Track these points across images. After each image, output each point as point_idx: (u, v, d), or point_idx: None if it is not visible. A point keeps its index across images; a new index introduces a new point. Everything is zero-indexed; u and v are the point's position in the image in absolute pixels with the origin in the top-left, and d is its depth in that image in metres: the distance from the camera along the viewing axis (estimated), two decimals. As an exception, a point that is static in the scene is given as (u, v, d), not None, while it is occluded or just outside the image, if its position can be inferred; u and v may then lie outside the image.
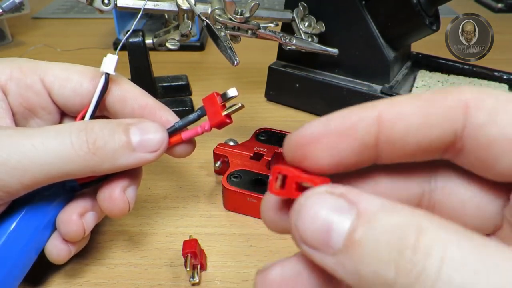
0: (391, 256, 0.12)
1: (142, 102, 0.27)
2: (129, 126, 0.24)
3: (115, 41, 0.64)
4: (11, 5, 0.43)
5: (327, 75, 0.45)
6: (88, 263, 0.28)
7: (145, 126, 0.25)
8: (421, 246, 0.12)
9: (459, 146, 0.15)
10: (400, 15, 0.41)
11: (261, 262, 0.29)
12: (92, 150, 0.23)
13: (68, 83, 0.27)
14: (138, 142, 0.24)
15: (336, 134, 0.15)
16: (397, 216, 0.13)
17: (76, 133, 0.23)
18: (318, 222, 0.13)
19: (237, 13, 0.36)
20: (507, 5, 0.83)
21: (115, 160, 0.23)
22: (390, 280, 0.12)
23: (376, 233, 0.13)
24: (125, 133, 0.24)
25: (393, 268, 0.12)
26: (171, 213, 0.33)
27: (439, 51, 0.47)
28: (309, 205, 0.14)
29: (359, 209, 0.13)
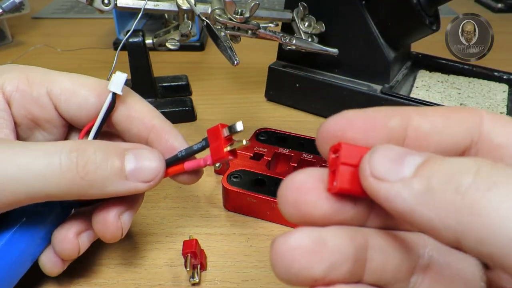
0: (470, 168, 0.13)
1: (149, 123, 0.26)
2: (125, 152, 0.23)
3: (115, 41, 0.64)
4: (11, 5, 0.43)
5: (327, 75, 0.45)
6: (88, 263, 0.28)
7: (142, 153, 0.24)
8: (500, 166, 0.13)
9: (473, 151, 0.16)
10: (400, 15, 0.41)
11: (261, 262, 0.29)
12: (81, 174, 0.21)
13: (74, 97, 0.26)
14: (131, 171, 0.23)
15: (371, 122, 0.16)
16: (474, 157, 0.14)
17: (66, 154, 0.21)
18: (390, 155, 0.14)
19: (237, 13, 0.36)
20: (507, 5, 0.83)
21: (104, 187, 0.22)
22: (465, 186, 0.12)
23: (454, 159, 0.13)
24: (120, 159, 0.23)
25: (472, 174, 0.12)
26: (171, 213, 0.33)
27: (439, 51, 0.47)
28: (386, 146, 0.15)
29: (431, 155, 0.14)
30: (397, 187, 0.14)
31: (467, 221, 0.12)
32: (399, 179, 0.14)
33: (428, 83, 0.46)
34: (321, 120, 0.45)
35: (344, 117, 0.16)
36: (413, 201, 0.13)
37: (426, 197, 0.13)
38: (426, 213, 0.13)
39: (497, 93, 0.44)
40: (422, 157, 0.14)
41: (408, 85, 0.46)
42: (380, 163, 0.14)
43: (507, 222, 0.11)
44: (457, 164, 0.13)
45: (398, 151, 0.15)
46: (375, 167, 0.14)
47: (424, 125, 0.16)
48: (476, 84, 0.46)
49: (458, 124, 0.16)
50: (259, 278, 0.28)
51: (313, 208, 0.16)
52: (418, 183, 0.13)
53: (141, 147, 0.24)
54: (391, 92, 0.41)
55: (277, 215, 0.31)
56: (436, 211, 0.13)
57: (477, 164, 0.13)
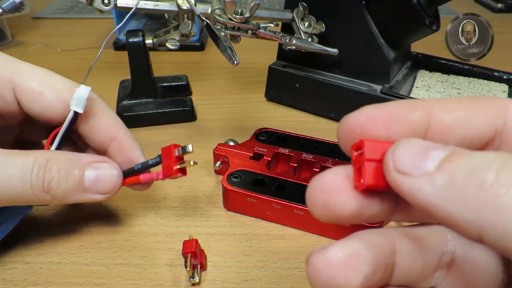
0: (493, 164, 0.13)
1: (112, 134, 0.28)
2: (86, 167, 0.26)
3: (115, 41, 0.64)
4: (11, 5, 0.43)
5: (327, 75, 0.45)
6: (88, 263, 0.28)
7: (101, 167, 0.26)
8: None
9: (497, 142, 0.16)
10: (400, 15, 0.41)
11: (261, 262, 0.29)
12: (46, 189, 0.25)
13: (39, 100, 0.26)
14: (90, 184, 0.26)
15: (393, 116, 0.16)
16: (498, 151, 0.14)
17: (36, 172, 0.25)
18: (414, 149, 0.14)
19: (237, 13, 0.36)
20: (507, 5, 0.83)
21: (65, 199, 0.26)
22: (488, 182, 0.12)
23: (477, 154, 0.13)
24: (80, 174, 0.26)
25: (494, 171, 0.12)
26: (171, 213, 0.33)
27: (439, 51, 0.47)
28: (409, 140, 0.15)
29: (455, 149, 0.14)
30: (421, 182, 0.14)
31: (490, 217, 0.12)
32: (423, 174, 0.14)
33: (428, 83, 0.46)
34: (321, 120, 0.46)
35: (364, 113, 0.16)
36: (436, 195, 0.13)
37: (449, 192, 0.13)
38: (449, 208, 0.13)
39: (497, 93, 0.44)
40: (445, 151, 0.14)
41: (408, 85, 0.46)
42: (403, 157, 0.14)
43: None
44: (481, 159, 0.13)
45: (422, 145, 0.15)
46: (398, 161, 0.14)
47: (446, 118, 0.16)
48: (476, 84, 0.46)
49: (481, 116, 0.16)
50: (259, 278, 0.28)
51: (342, 208, 0.16)
52: (442, 178, 0.13)
53: (101, 160, 0.27)
54: (391, 92, 0.41)
55: (277, 215, 0.31)
56: (459, 207, 0.13)
57: (500, 159, 0.13)
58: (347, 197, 0.16)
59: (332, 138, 0.38)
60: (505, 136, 0.16)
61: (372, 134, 0.16)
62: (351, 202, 0.16)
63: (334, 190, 0.16)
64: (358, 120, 0.17)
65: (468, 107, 0.16)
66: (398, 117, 0.16)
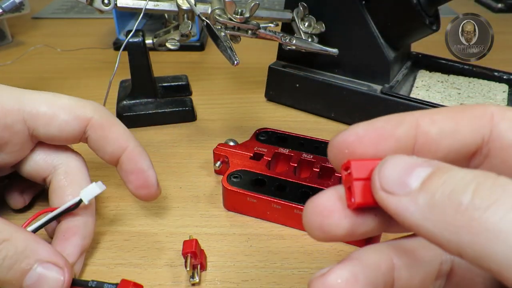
0: (469, 186, 0.13)
1: (123, 144, 0.28)
2: (35, 264, 0.23)
3: (115, 41, 0.64)
4: (11, 5, 0.43)
5: (327, 75, 0.45)
6: (88, 263, 0.28)
7: (50, 270, 0.23)
8: (500, 183, 0.13)
9: (485, 151, 0.16)
10: (400, 15, 0.41)
11: (261, 262, 0.29)
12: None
13: (54, 122, 0.27)
14: (30, 284, 0.23)
15: (379, 134, 0.17)
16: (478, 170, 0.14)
17: None
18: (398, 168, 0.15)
19: (237, 13, 0.36)
20: (507, 5, 0.83)
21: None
22: (464, 204, 0.13)
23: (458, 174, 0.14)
24: (24, 269, 0.23)
25: (470, 193, 0.13)
26: (171, 213, 0.33)
27: (439, 51, 0.47)
28: (393, 158, 0.15)
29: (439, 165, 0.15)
30: (405, 201, 0.14)
31: (467, 238, 0.13)
32: (407, 193, 0.14)
33: (428, 83, 0.46)
34: (321, 120, 0.46)
35: (351, 133, 0.17)
36: (419, 216, 0.14)
37: (430, 213, 0.14)
38: (430, 228, 0.14)
39: (497, 93, 0.44)
40: (429, 168, 0.15)
41: (408, 85, 0.46)
42: (389, 176, 0.15)
43: (502, 240, 0.12)
44: (459, 180, 0.14)
45: (406, 162, 0.15)
46: (384, 180, 0.15)
47: (433, 130, 0.16)
48: (476, 84, 0.46)
49: (467, 126, 0.16)
50: (259, 278, 0.28)
51: (337, 228, 0.17)
52: (423, 198, 0.14)
53: (55, 262, 0.24)
54: (391, 92, 0.41)
55: (277, 215, 0.31)
56: (439, 227, 0.13)
57: (477, 181, 0.13)
58: (341, 218, 0.16)
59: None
60: (492, 144, 0.16)
61: (360, 152, 0.17)
62: (345, 222, 0.16)
63: (328, 212, 0.17)
64: (345, 140, 0.17)
65: (454, 118, 0.16)
66: (385, 134, 0.17)
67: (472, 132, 0.16)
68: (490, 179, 0.13)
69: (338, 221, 0.17)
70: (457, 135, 0.16)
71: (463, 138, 0.16)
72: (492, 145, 0.16)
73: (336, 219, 0.17)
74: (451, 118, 0.16)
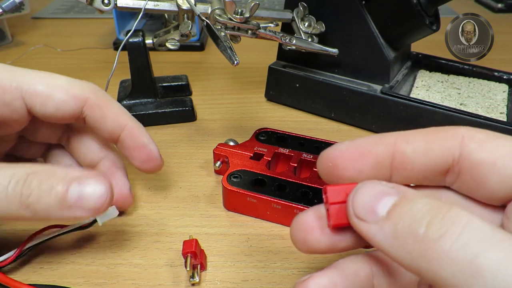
0: (424, 218, 0.15)
1: (122, 122, 0.29)
2: (72, 182, 0.23)
3: (115, 41, 0.64)
4: (11, 5, 0.43)
5: (327, 75, 0.45)
6: (88, 263, 0.28)
7: (88, 183, 0.23)
8: (450, 215, 0.15)
9: (456, 169, 0.18)
10: (400, 15, 0.41)
11: (261, 262, 0.29)
12: (24, 204, 0.22)
13: (51, 100, 0.27)
14: (75, 201, 0.23)
15: (360, 151, 0.19)
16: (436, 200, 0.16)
17: (13, 184, 0.22)
18: (369, 197, 0.17)
19: (237, 13, 0.36)
20: (507, 5, 0.83)
21: (46, 215, 0.23)
22: (420, 234, 0.15)
23: (416, 205, 0.16)
24: (64, 190, 0.23)
25: (425, 225, 0.15)
26: (171, 213, 0.33)
27: (439, 51, 0.47)
28: (366, 186, 0.17)
29: (405, 194, 0.17)
30: (374, 228, 0.16)
31: (424, 266, 0.15)
32: (375, 221, 0.16)
33: (428, 83, 0.46)
34: (321, 120, 0.46)
35: (336, 149, 0.19)
36: (385, 243, 0.16)
37: (394, 241, 0.16)
38: (395, 254, 0.16)
39: (497, 93, 0.44)
40: (394, 197, 0.17)
41: (408, 85, 0.46)
42: (360, 204, 0.17)
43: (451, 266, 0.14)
44: (418, 212, 0.16)
45: (376, 191, 0.17)
46: (356, 208, 0.17)
47: (408, 149, 0.18)
48: (476, 84, 0.46)
49: (439, 146, 0.18)
50: (259, 278, 0.28)
51: (318, 243, 0.19)
52: (388, 227, 0.16)
53: (88, 176, 0.24)
54: (391, 92, 0.41)
55: (277, 215, 0.31)
56: (401, 254, 0.15)
57: (431, 213, 0.15)
58: (321, 235, 0.19)
59: (332, 138, 0.39)
60: (462, 163, 0.18)
61: (342, 166, 0.19)
62: (325, 238, 0.19)
63: (310, 229, 0.19)
64: (329, 155, 0.20)
65: (427, 139, 0.18)
66: (365, 151, 0.19)
67: (443, 152, 0.18)
68: (442, 211, 0.15)
69: (318, 237, 0.19)
70: (430, 154, 0.18)
71: (435, 157, 0.18)
72: (462, 164, 0.18)
73: (316, 236, 0.19)
74: (425, 139, 0.18)
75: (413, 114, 0.40)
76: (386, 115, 0.41)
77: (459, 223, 0.14)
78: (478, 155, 0.18)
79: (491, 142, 0.18)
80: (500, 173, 0.17)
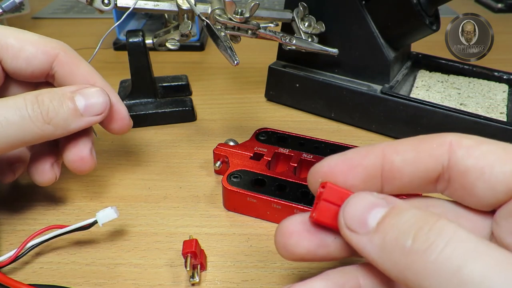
0: (411, 231, 0.15)
1: (91, 80, 0.29)
2: (74, 94, 0.27)
3: (115, 41, 0.64)
4: (11, 5, 0.43)
5: (327, 75, 0.45)
6: (88, 263, 0.28)
7: (88, 92, 0.27)
8: (436, 227, 0.15)
9: (446, 177, 0.18)
10: (400, 15, 0.41)
11: (261, 262, 0.29)
12: (47, 120, 0.26)
13: (21, 54, 0.28)
14: (84, 108, 0.27)
15: (349, 164, 0.19)
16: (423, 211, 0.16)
17: (30, 106, 0.25)
18: (360, 209, 0.17)
19: (237, 13, 0.36)
20: (507, 5, 0.83)
21: (67, 126, 0.26)
22: (407, 247, 0.15)
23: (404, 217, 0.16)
24: (72, 101, 0.27)
25: (411, 238, 0.15)
26: (171, 213, 0.33)
27: (439, 51, 0.47)
28: (356, 198, 0.18)
29: (394, 205, 0.17)
30: (364, 240, 0.17)
31: (411, 277, 0.15)
32: (365, 233, 0.17)
33: (428, 83, 0.46)
34: (321, 120, 0.46)
35: (325, 164, 0.19)
36: (374, 254, 0.16)
37: (382, 253, 0.16)
38: (383, 265, 0.16)
39: (497, 93, 0.44)
40: (384, 209, 0.17)
41: (408, 85, 0.46)
42: (351, 215, 0.17)
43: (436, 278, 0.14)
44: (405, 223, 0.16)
45: (366, 203, 0.17)
46: (347, 219, 0.17)
47: (396, 159, 0.19)
48: (476, 84, 0.46)
49: (427, 155, 0.18)
50: (259, 278, 0.28)
51: (296, 248, 0.19)
52: (377, 239, 0.16)
53: (84, 87, 0.28)
54: (391, 92, 0.41)
55: (277, 215, 0.31)
56: (389, 266, 0.16)
57: (418, 225, 0.15)
58: (299, 239, 0.19)
59: (332, 138, 0.39)
60: (451, 171, 0.18)
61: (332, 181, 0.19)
62: (304, 242, 0.19)
63: (289, 233, 0.19)
64: (319, 170, 0.20)
65: (415, 148, 0.19)
66: (354, 164, 0.19)
67: (432, 160, 0.18)
68: (429, 223, 0.15)
69: (297, 242, 0.19)
70: (418, 163, 0.18)
71: (424, 166, 0.18)
72: (451, 172, 0.18)
73: (295, 240, 0.19)
74: (413, 148, 0.19)
75: (413, 114, 0.40)
76: (386, 115, 0.41)
77: (445, 235, 0.15)
78: (466, 162, 0.18)
79: (479, 148, 0.18)
80: (487, 180, 0.17)
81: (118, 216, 0.28)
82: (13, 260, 0.27)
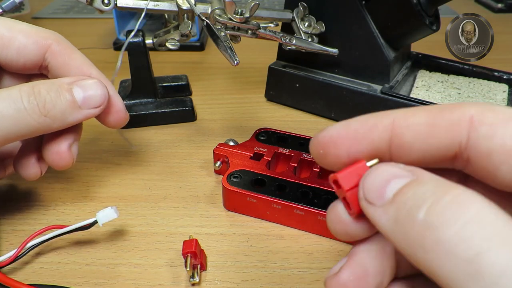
0: (426, 201, 0.13)
1: (86, 71, 0.29)
2: (71, 86, 0.26)
3: (115, 41, 0.64)
4: (11, 5, 0.43)
5: (327, 75, 0.45)
6: (88, 263, 0.28)
7: (85, 84, 0.27)
8: (458, 200, 0.13)
9: (465, 156, 0.16)
10: (400, 15, 0.41)
11: (261, 262, 0.29)
12: (44, 113, 0.25)
13: (12, 44, 0.27)
14: (82, 100, 0.26)
15: (353, 136, 0.17)
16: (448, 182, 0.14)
17: (26, 98, 0.24)
18: (379, 180, 0.16)
19: (237, 13, 0.36)
20: (507, 5, 0.83)
21: (65, 119, 0.26)
22: (418, 219, 0.13)
23: (423, 187, 0.14)
24: (70, 93, 0.26)
25: (425, 209, 0.13)
26: (171, 213, 0.33)
27: (439, 51, 0.47)
28: (377, 169, 0.16)
29: (419, 176, 0.15)
30: (380, 212, 0.15)
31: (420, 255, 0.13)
32: (382, 204, 0.15)
33: (428, 83, 0.46)
34: (321, 120, 0.46)
35: (326, 134, 0.18)
36: (388, 228, 0.15)
37: (395, 227, 0.14)
38: (395, 240, 0.14)
39: (497, 93, 0.44)
40: (405, 179, 0.15)
41: (408, 85, 0.46)
42: (370, 187, 0.16)
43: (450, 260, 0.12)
44: (421, 194, 0.14)
45: (387, 174, 0.16)
46: (366, 191, 0.16)
47: (407, 135, 0.16)
48: (476, 84, 0.46)
49: (443, 131, 0.16)
50: (259, 278, 0.28)
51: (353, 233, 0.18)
52: (392, 210, 0.15)
53: (82, 79, 0.27)
54: (391, 92, 0.41)
55: (277, 215, 0.31)
56: (400, 241, 0.14)
57: (434, 196, 0.14)
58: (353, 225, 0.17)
59: (332, 138, 0.38)
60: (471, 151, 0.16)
61: (333, 153, 0.17)
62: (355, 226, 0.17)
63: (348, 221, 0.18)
64: (320, 141, 0.18)
65: (430, 123, 0.16)
66: (359, 136, 0.17)
67: (447, 138, 0.16)
68: (450, 195, 0.13)
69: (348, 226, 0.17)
70: (431, 140, 0.16)
71: (437, 144, 0.16)
72: (470, 152, 0.16)
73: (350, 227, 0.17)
74: (427, 123, 0.16)
75: (413, 114, 0.40)
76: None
77: (466, 211, 0.12)
78: (489, 143, 0.15)
79: (505, 125, 0.15)
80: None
81: (118, 216, 0.28)
82: (13, 260, 0.27)
